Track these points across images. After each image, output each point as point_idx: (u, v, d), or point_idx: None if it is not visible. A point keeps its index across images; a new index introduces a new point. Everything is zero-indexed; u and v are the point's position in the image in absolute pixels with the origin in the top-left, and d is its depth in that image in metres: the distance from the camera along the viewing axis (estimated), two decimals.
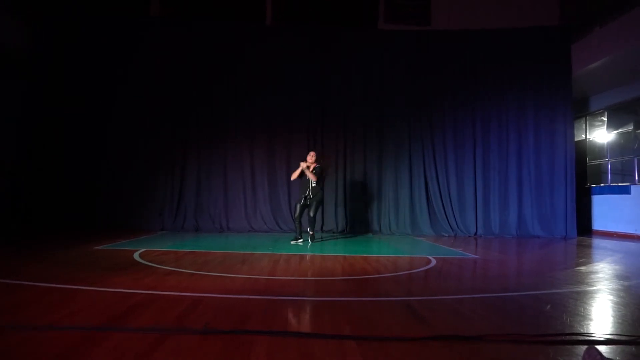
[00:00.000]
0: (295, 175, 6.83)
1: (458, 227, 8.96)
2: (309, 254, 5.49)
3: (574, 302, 2.89)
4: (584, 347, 1.85)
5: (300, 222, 6.74)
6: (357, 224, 9.08)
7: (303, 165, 6.74)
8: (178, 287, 3.18)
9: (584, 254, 6.24)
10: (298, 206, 6.73)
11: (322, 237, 6.55)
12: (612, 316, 2.63)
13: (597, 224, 9.73)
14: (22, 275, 3.50)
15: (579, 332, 2.20)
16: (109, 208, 8.58)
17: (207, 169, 9.08)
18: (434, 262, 4.95)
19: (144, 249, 5.44)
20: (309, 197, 6.64)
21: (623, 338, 2.12)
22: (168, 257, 4.92)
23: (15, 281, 3.26)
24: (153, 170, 8.89)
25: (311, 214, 6.65)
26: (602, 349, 1.88)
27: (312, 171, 6.66)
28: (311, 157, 6.86)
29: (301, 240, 6.68)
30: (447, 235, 8.77)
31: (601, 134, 10.22)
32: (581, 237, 8.66)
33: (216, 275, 3.79)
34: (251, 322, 2.30)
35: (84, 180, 8.58)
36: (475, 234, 8.91)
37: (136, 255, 4.84)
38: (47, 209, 8.30)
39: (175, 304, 2.67)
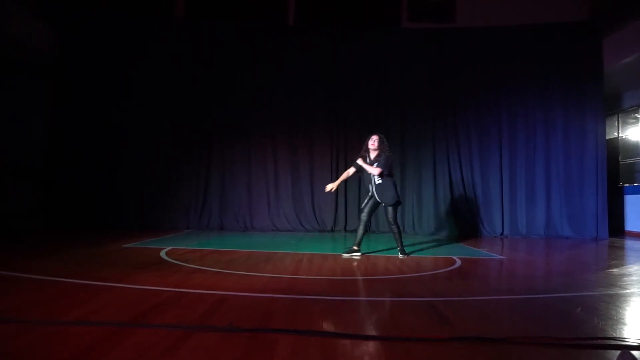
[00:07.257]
0: (342, 178, 5.57)
1: (484, 227, 8.79)
2: (331, 253, 5.48)
3: (605, 305, 2.79)
4: (617, 352, 1.79)
5: (365, 227, 5.24)
6: (381, 224, 9.01)
7: (360, 162, 5.32)
8: (203, 285, 3.23)
9: (616, 256, 6.03)
10: (366, 208, 5.28)
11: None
12: None
13: (630, 225, 9.36)
14: (49, 272, 3.58)
15: (612, 336, 2.13)
16: (135, 207, 8.74)
17: (231, 169, 9.16)
18: (458, 262, 4.87)
19: (170, 247, 5.55)
20: (374, 197, 5.24)
21: None
22: (193, 255, 5.01)
23: (43, 277, 3.36)
24: (178, 170, 9.02)
25: (389, 219, 5.15)
26: (636, 354, 1.81)
27: (373, 165, 5.23)
28: (373, 143, 5.34)
29: (358, 254, 5.10)
30: (472, 235, 8.61)
31: (635, 132, 9.84)
32: (613, 238, 8.34)
33: (240, 273, 3.83)
34: (275, 320, 2.32)
35: (110, 180, 8.75)
36: (502, 234, 8.71)
37: (162, 254, 4.94)
38: (74, 208, 8.49)
39: (200, 301, 2.71)
